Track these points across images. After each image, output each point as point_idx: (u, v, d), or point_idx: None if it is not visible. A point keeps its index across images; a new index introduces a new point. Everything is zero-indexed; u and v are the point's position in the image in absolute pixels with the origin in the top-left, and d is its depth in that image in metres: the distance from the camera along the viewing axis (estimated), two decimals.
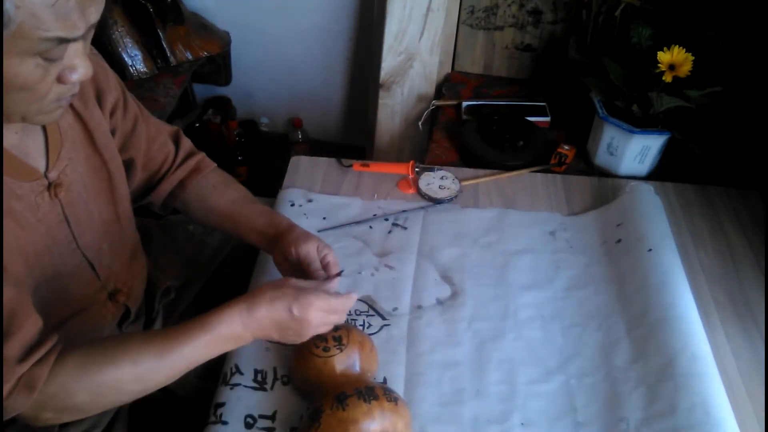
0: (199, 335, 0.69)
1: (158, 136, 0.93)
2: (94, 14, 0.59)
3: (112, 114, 0.85)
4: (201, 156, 0.99)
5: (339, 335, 0.78)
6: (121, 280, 0.89)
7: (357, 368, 0.77)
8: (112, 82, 0.85)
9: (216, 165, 1.00)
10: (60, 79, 0.61)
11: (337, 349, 0.76)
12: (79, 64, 0.61)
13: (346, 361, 0.76)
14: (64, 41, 0.57)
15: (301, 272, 0.84)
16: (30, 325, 0.65)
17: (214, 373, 0.85)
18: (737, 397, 0.82)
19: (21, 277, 0.69)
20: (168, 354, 0.67)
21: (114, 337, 0.76)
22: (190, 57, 1.79)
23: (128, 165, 0.91)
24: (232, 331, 0.70)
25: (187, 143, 0.98)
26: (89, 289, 0.83)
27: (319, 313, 0.73)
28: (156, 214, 1.15)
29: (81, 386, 0.64)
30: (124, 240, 0.90)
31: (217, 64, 1.98)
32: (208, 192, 0.96)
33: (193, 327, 0.69)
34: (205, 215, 0.96)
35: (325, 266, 0.84)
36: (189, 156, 0.97)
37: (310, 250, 0.84)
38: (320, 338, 0.77)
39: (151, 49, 1.73)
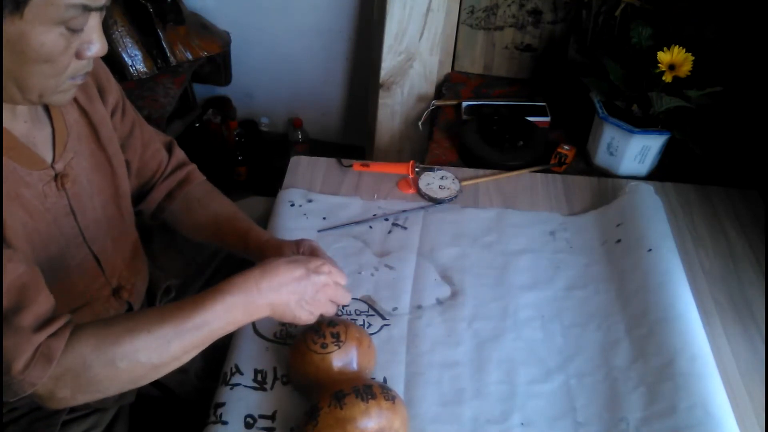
0: (212, 303, 0.67)
1: (152, 142, 0.94)
2: None
3: (112, 115, 0.86)
4: (191, 167, 0.99)
5: (337, 332, 0.78)
6: (124, 277, 0.90)
7: (354, 366, 0.77)
8: (113, 84, 0.86)
9: (205, 178, 1.00)
10: (78, 55, 0.64)
11: (335, 345, 0.76)
12: (96, 39, 0.65)
13: (343, 359, 0.76)
14: (87, 9, 0.60)
15: None
16: (43, 300, 0.64)
17: (214, 373, 0.85)
18: (737, 397, 0.82)
19: (28, 259, 0.69)
20: (182, 323, 0.66)
21: (129, 312, 0.74)
22: (190, 57, 1.79)
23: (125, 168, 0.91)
24: (246, 296, 0.69)
25: (179, 154, 0.98)
26: (94, 283, 0.84)
27: (329, 280, 0.75)
28: None
29: (98, 357, 0.63)
30: (126, 236, 0.90)
31: (217, 64, 1.98)
32: (194, 205, 0.96)
33: (206, 296, 0.68)
34: (192, 229, 0.96)
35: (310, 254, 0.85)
36: (179, 167, 0.97)
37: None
38: (318, 335, 0.77)
39: (151, 49, 1.73)
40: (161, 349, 0.65)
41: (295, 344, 0.80)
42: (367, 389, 0.70)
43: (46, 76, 0.63)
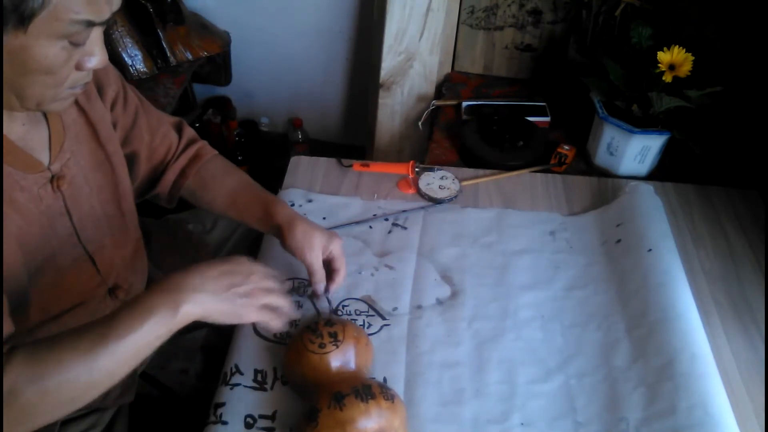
0: (135, 318, 0.63)
1: (160, 126, 0.94)
2: (117, 1, 0.63)
3: (112, 107, 0.86)
4: (202, 143, 0.99)
5: (335, 331, 0.78)
6: (122, 276, 0.89)
7: (352, 365, 0.77)
8: (111, 76, 0.85)
9: (217, 152, 1.00)
10: (78, 66, 0.65)
11: (333, 345, 0.76)
12: (97, 51, 0.65)
13: (341, 359, 0.76)
14: (90, 24, 0.61)
15: None
16: None
17: (214, 374, 0.85)
18: (737, 397, 0.82)
19: (17, 265, 0.69)
20: (106, 334, 0.61)
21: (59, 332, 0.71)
22: (190, 57, 1.79)
23: (132, 158, 0.91)
24: (167, 310, 0.64)
25: (189, 132, 0.99)
26: (90, 283, 0.84)
27: (256, 266, 0.73)
28: (156, 213, 1.15)
29: (26, 380, 0.58)
30: (127, 235, 0.90)
31: (217, 64, 1.98)
32: (209, 181, 0.96)
33: (130, 309, 0.63)
34: (209, 204, 0.96)
35: (328, 262, 0.87)
36: (190, 144, 0.97)
37: (314, 258, 0.85)
38: (315, 334, 0.77)
39: (151, 49, 1.73)
40: (89, 365, 0.60)
41: (291, 344, 0.79)
42: (366, 389, 0.70)
43: (45, 86, 0.63)
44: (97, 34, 0.64)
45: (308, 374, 0.76)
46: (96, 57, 0.65)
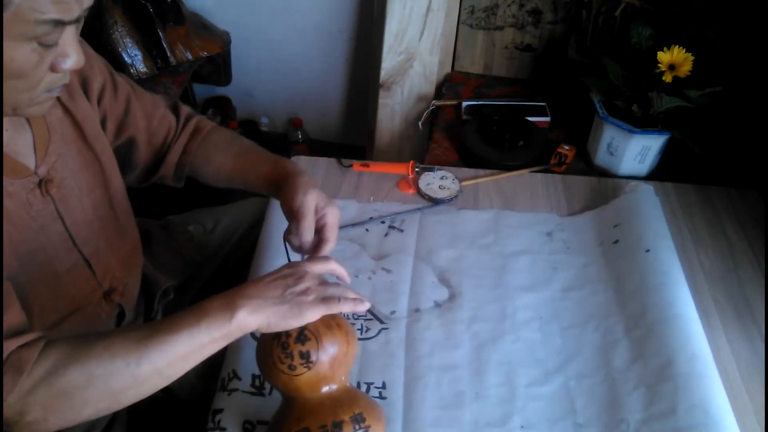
0: (190, 315, 0.63)
1: (156, 110, 0.92)
2: None
3: (100, 100, 0.84)
4: (198, 118, 0.97)
5: (307, 351, 0.66)
6: (117, 278, 0.88)
7: (328, 382, 0.68)
8: (96, 67, 0.83)
9: (215, 124, 0.98)
10: (53, 68, 0.62)
11: (305, 367, 0.66)
12: (72, 51, 0.62)
13: (314, 379, 0.67)
14: (59, 24, 0.58)
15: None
16: (15, 312, 0.61)
17: (215, 374, 0.84)
18: (737, 397, 0.81)
19: (14, 272, 0.68)
20: (157, 326, 0.62)
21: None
22: (190, 57, 1.79)
23: (131, 144, 0.90)
24: (218, 316, 0.63)
25: (185, 110, 0.97)
26: (86, 288, 0.82)
27: (309, 265, 0.71)
28: (156, 214, 1.15)
29: (71, 363, 0.58)
30: (122, 236, 0.89)
31: (217, 64, 1.98)
32: (212, 152, 0.94)
33: (183, 312, 0.64)
34: (215, 175, 0.95)
35: (320, 228, 0.79)
36: (187, 121, 0.96)
37: (307, 203, 0.78)
38: (285, 353, 0.66)
39: (151, 49, 1.73)
40: (138, 355, 0.60)
41: (261, 351, 0.69)
42: (337, 429, 0.65)
43: (18, 91, 0.61)
44: (70, 34, 0.61)
45: (280, 388, 0.69)
46: (71, 58, 0.62)
